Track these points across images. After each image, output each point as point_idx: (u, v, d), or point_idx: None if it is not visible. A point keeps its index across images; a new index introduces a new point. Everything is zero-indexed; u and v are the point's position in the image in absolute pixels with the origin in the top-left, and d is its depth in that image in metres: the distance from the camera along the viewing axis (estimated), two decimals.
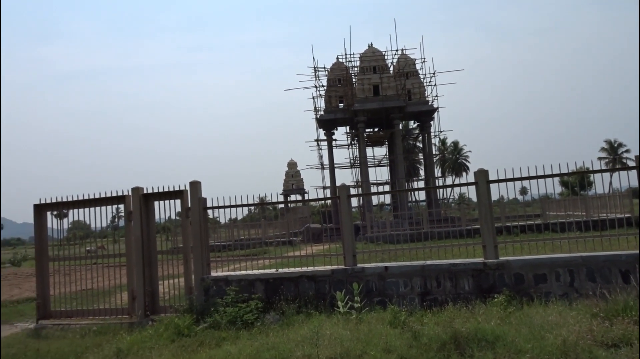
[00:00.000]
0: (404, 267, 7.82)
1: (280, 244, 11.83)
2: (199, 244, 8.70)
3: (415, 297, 7.66)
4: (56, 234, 10.20)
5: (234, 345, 5.95)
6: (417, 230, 16.08)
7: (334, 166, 39.43)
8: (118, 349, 6.35)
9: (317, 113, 37.44)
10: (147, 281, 8.98)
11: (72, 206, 9.63)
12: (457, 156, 70.18)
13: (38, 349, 6.90)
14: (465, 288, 7.49)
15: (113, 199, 9.34)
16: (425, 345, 5.14)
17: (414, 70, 37.36)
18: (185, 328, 7.01)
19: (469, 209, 30.03)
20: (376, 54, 36.38)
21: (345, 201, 8.44)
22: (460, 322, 5.72)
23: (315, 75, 37.22)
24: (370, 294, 7.83)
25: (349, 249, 8.21)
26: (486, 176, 7.84)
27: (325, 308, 7.67)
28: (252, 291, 8.26)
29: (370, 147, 41.11)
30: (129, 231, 9.19)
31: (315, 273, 8.17)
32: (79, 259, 9.83)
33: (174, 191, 9.01)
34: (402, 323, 6.06)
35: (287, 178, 68.08)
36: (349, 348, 5.21)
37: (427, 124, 37.89)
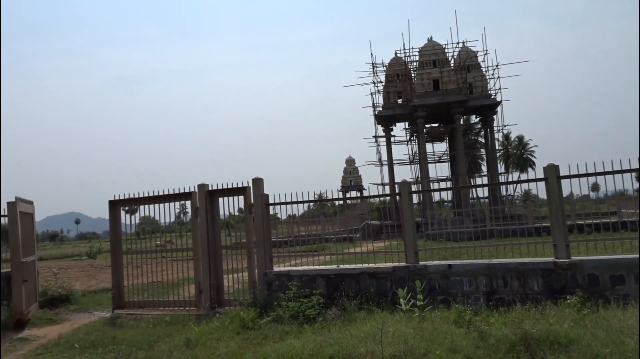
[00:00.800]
0: (468, 265, 7.62)
1: (340, 241, 11.87)
2: (262, 239, 8.89)
3: (481, 296, 7.45)
4: (127, 229, 10.76)
5: (298, 339, 6.03)
6: (481, 228, 15.62)
7: (392, 162, 38.99)
8: (187, 339, 6.61)
9: (375, 109, 37.15)
10: (213, 274, 9.29)
11: (143, 202, 10.11)
12: (522, 151, 67.26)
13: (114, 337, 7.32)
14: (534, 288, 7.19)
15: (180, 195, 9.72)
16: (493, 346, 4.98)
17: (476, 63, 36.20)
18: (250, 321, 7.19)
19: (536, 206, 28.80)
20: (436, 47, 35.58)
21: (406, 198, 8.34)
22: (530, 323, 5.50)
23: (373, 71, 36.94)
24: (433, 292, 7.70)
25: (411, 246, 8.10)
26: (557, 171, 7.48)
27: (387, 305, 7.62)
28: (313, 286, 8.34)
29: (430, 143, 40.32)
30: (195, 226, 9.53)
31: (376, 270, 8.13)
32: (149, 253, 10.32)
33: (238, 188, 9.25)
34: (468, 323, 5.91)
35: (345, 175, 68.16)
36: (413, 346, 5.15)
37: (490, 119, 36.62)
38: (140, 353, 6.32)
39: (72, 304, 10.60)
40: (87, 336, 7.54)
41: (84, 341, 7.28)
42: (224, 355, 5.76)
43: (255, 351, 5.76)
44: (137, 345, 6.75)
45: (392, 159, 39.02)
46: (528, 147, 67.24)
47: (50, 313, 9.74)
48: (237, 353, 5.78)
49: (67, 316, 9.62)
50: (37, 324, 8.88)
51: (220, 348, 6.07)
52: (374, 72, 36.95)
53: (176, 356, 6.01)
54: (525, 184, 43.73)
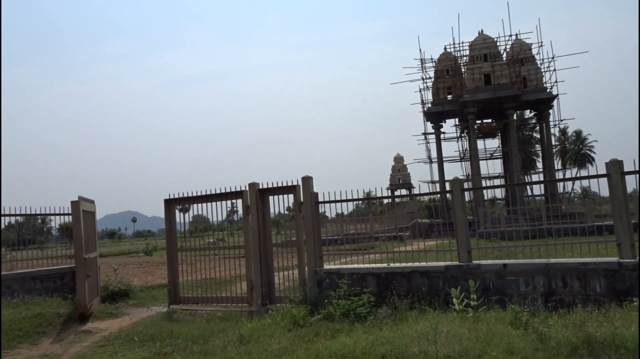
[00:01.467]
0: (524, 265, 7.36)
1: (389, 239, 11.77)
2: (312, 237, 8.93)
3: (538, 297, 7.17)
4: (180, 227, 11.09)
5: (349, 337, 6.01)
6: (536, 226, 15.07)
7: (442, 159, 38.30)
8: (240, 335, 6.74)
9: (424, 106, 36.61)
10: (264, 272, 9.42)
11: (196, 200, 10.38)
12: (580, 146, 64.24)
13: (171, 331, 7.57)
14: (597, 289, 6.85)
15: (232, 194, 9.92)
16: (553, 349, 4.78)
17: (530, 56, 34.93)
18: (301, 319, 7.24)
19: (595, 204, 27.47)
20: (487, 41, 34.58)
21: (458, 195, 8.15)
22: (593, 326, 5.24)
23: (422, 67, 36.41)
24: (487, 292, 7.48)
25: (463, 244, 7.91)
26: (620, 167, 7.10)
27: (439, 305, 7.47)
28: (363, 284, 8.30)
29: (482, 139, 39.29)
30: (246, 224, 9.70)
31: (428, 269, 7.99)
32: (202, 250, 10.59)
33: (288, 186, 9.34)
34: (525, 324, 5.70)
35: (393, 173, 67.48)
36: (468, 346, 5.02)
37: (545, 113, 35.24)
38: (195, 347, 6.50)
39: (131, 299, 11.04)
40: (145, 330, 7.83)
41: (142, 334, 7.56)
42: (276, 351, 5.83)
43: (307, 348, 5.78)
44: (193, 339, 6.96)
45: (442, 156, 38.34)
46: (587, 142, 64.12)
47: (111, 307, 10.18)
48: (289, 350, 5.84)
49: (127, 310, 10.03)
50: (99, 318, 9.31)
51: (273, 344, 6.14)
52: (422, 68, 36.44)
53: (230, 351, 6.13)
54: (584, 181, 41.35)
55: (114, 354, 6.76)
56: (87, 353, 6.95)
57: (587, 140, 64.13)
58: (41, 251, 12.60)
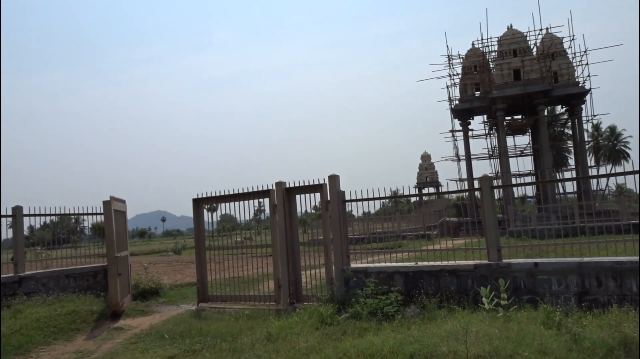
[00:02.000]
0: (557, 264, 7.18)
1: (416, 238, 11.65)
2: (339, 236, 8.91)
3: (571, 297, 6.98)
4: (208, 226, 11.22)
5: (377, 336, 5.98)
6: (569, 224, 14.70)
7: (470, 157, 37.74)
8: (268, 333, 6.78)
9: (451, 103, 36.16)
10: (291, 270, 9.45)
11: (224, 199, 10.49)
12: (614, 142, 62.36)
13: (200, 328, 7.67)
14: (633, 289, 6.63)
15: (259, 193, 9.99)
16: (588, 349, 4.65)
17: (561, 50, 34.12)
18: (328, 317, 7.23)
19: (631, 201, 26.61)
20: (516, 35, 33.91)
21: (487, 193, 8.01)
22: (630, 327, 5.08)
23: (449, 63, 35.96)
24: (518, 291, 7.33)
25: (493, 243, 7.77)
26: None
27: (468, 304, 7.35)
28: (391, 283, 8.24)
29: (511, 136, 38.61)
30: (274, 223, 9.75)
31: (456, 268, 7.88)
32: (230, 249, 10.70)
33: (314, 185, 9.34)
34: (558, 324, 5.56)
35: (420, 171, 66.88)
36: (499, 346, 4.92)
37: (578, 108, 34.36)
38: (224, 345, 6.57)
39: (161, 297, 11.23)
40: (175, 327, 7.96)
41: (172, 331, 7.69)
42: (304, 349, 5.84)
43: (335, 347, 5.77)
44: (221, 337, 7.03)
45: (470, 154, 37.78)
46: (621, 137, 62.15)
47: (141, 304, 10.38)
48: (317, 348, 5.83)
49: (157, 308, 10.21)
50: (130, 315, 9.50)
51: (301, 342, 6.15)
52: (449, 65, 35.98)
53: (258, 348, 6.17)
54: (619, 177, 40.07)
55: (145, 351, 6.88)
56: (119, 349, 7.11)
57: (622, 136, 62.17)
58: (75, 249, 12.94)
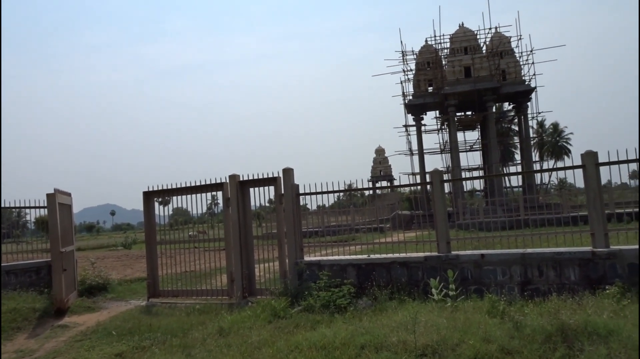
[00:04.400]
0: (502, 255, 7.48)
1: (370, 231, 11.82)
2: (292, 229, 8.92)
3: (515, 286, 7.30)
4: (160, 220, 10.98)
5: (329, 328, 6.04)
6: (514, 217, 15.30)
7: (423, 151, 38.59)
8: (220, 327, 6.72)
9: (405, 98, 36.76)
10: (244, 264, 9.39)
11: (176, 193, 10.28)
12: (557, 138, 65.36)
13: (150, 324, 7.50)
14: (571, 278, 7.00)
15: (212, 186, 9.85)
16: (529, 336, 4.87)
17: (509, 49, 35.34)
18: (281, 310, 7.25)
19: (571, 195, 28.00)
20: (467, 33, 34.85)
21: (438, 187, 8.22)
22: (567, 314, 5.35)
23: (403, 59, 36.51)
24: (466, 282, 7.59)
25: (443, 235, 8.00)
26: (595, 158, 7.24)
27: (419, 295, 7.55)
28: (344, 276, 8.34)
29: (462, 131, 39.70)
30: (227, 217, 9.64)
31: (407, 260, 8.07)
32: (182, 243, 10.50)
33: (268, 178, 9.30)
34: (502, 313, 5.79)
35: (375, 165, 67.82)
36: (446, 335, 5.09)
37: (524, 106, 35.76)
38: (174, 340, 6.46)
39: (109, 293, 10.92)
40: (124, 324, 7.75)
41: (121, 328, 7.48)
42: (256, 343, 5.83)
43: (287, 340, 5.80)
44: (172, 333, 6.90)
45: (423, 148, 38.61)
46: (563, 134, 65.28)
47: (88, 301, 10.05)
48: (270, 341, 5.84)
49: (105, 304, 9.91)
50: (76, 312, 9.18)
51: (253, 336, 6.14)
52: (403, 61, 36.54)
53: (210, 343, 6.11)
54: (560, 172, 42.15)
55: (91, 348, 6.67)
56: (62, 348, 6.85)
57: (564, 132, 65.28)
58: (16, 244, 12.33)
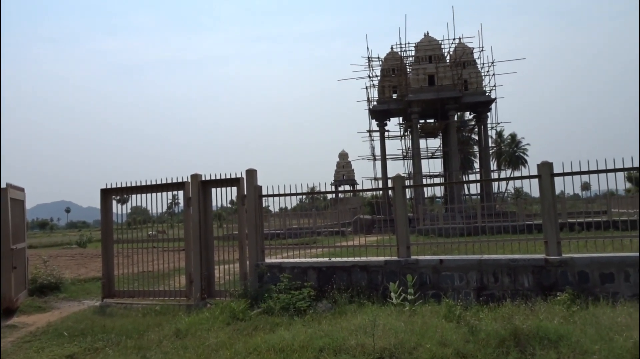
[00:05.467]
0: (459, 260, 7.65)
1: (331, 234, 11.86)
2: (254, 231, 8.86)
3: (471, 292, 7.48)
4: (118, 218, 10.68)
5: (288, 331, 6.03)
6: (472, 224, 15.69)
7: (385, 157, 39.02)
8: (177, 329, 6.59)
9: (370, 104, 37.13)
10: (204, 265, 9.26)
11: (135, 191, 10.03)
12: (515, 148, 67.53)
13: (104, 325, 7.28)
14: (525, 285, 7.24)
15: (173, 185, 9.66)
16: (483, 341, 5.00)
17: (472, 60, 36.21)
18: (240, 312, 7.18)
19: (527, 203, 28.95)
20: (432, 43, 35.53)
21: (400, 192, 8.34)
22: (520, 319, 5.53)
23: (369, 65, 36.87)
24: (424, 286, 7.72)
25: (403, 240, 8.11)
26: (550, 168, 7.51)
27: (378, 299, 7.64)
28: (304, 278, 8.34)
29: (424, 138, 40.39)
30: (187, 217, 9.48)
31: (368, 263, 8.14)
32: (140, 243, 10.25)
33: (231, 179, 9.21)
34: (458, 317, 5.93)
35: (338, 169, 68.15)
36: (404, 339, 5.16)
37: (484, 116, 36.71)
38: (129, 342, 6.29)
39: (62, 293, 10.54)
40: (76, 325, 7.49)
41: (72, 329, 7.23)
42: (213, 345, 5.75)
43: (246, 342, 5.75)
44: (127, 334, 6.72)
45: (386, 154, 39.06)
46: (521, 145, 67.51)
47: (39, 300, 9.66)
48: (227, 344, 5.77)
49: (56, 304, 9.56)
50: (26, 312, 8.82)
51: (210, 338, 6.05)
52: (369, 66, 36.90)
53: (166, 345, 5.99)
54: (517, 181, 43.23)
55: (40, 349, 6.41)
56: (10, 349, 6.56)
57: (521, 143, 67.52)
58: None
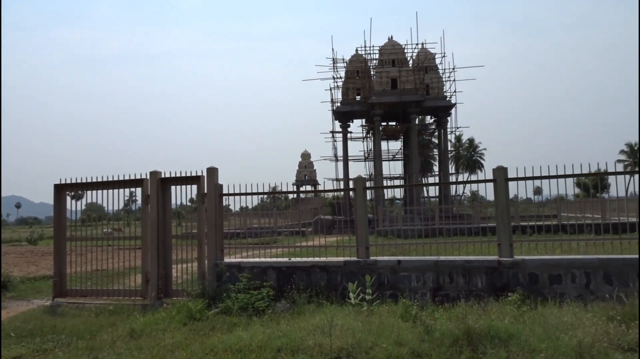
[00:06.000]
0: (417, 261, 7.81)
1: (292, 234, 11.87)
2: (214, 230, 8.77)
3: (427, 292, 7.65)
4: (72, 215, 10.35)
5: (246, 331, 6.00)
6: (430, 226, 16.03)
7: (347, 158, 39.36)
8: (132, 329, 6.44)
9: (333, 105, 37.37)
10: (161, 264, 9.08)
11: (91, 187, 9.74)
12: (472, 153, 69.44)
13: (54, 325, 7.03)
14: (478, 285, 7.46)
15: (131, 182, 9.44)
16: (438, 340, 5.13)
17: (433, 65, 37.00)
18: (197, 312, 7.09)
19: (482, 206, 29.79)
20: (396, 47, 36.10)
21: (360, 193, 8.43)
22: (473, 319, 5.70)
23: (333, 66, 37.10)
24: (382, 287, 7.84)
25: (362, 241, 8.21)
26: (505, 173, 7.77)
27: (337, 299, 7.70)
28: (264, 278, 8.31)
29: (385, 140, 40.98)
30: (145, 214, 9.28)
31: (327, 264, 8.19)
32: (94, 240, 9.96)
33: (192, 177, 9.08)
34: (414, 317, 6.06)
35: (300, 169, 68.23)
36: (361, 339, 5.23)
37: (444, 120, 37.57)
38: (81, 343, 6.11)
39: (10, 291, 10.12)
40: (24, 325, 7.20)
41: (20, 329, 6.95)
42: (169, 346, 5.65)
43: (202, 342, 5.68)
44: (78, 334, 6.52)
45: (348, 155, 39.38)
46: (478, 149, 69.51)
47: None
48: (184, 344, 5.69)
49: (4, 304, 9.14)
50: None
51: (166, 338, 5.95)
52: (334, 68, 37.13)
53: (119, 346, 5.85)
54: (473, 184, 44.49)
55: None
56: None
57: (479, 147, 69.54)
58: None
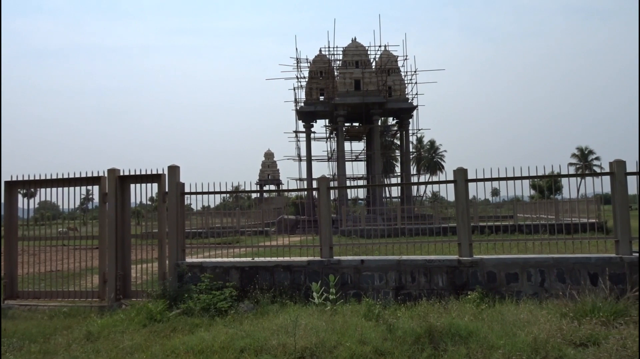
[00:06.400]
0: (380, 261, 7.89)
1: (255, 234, 11.78)
2: (175, 229, 8.59)
3: (390, 291, 7.75)
4: (23, 214, 9.93)
5: (208, 332, 5.91)
6: (392, 226, 16.25)
7: (311, 158, 39.42)
8: (88, 332, 6.23)
9: (297, 104, 37.33)
10: (120, 264, 8.83)
11: (45, 184, 9.37)
12: (433, 154, 70.92)
13: (4, 329, 6.71)
14: (439, 284, 7.61)
15: (88, 179, 9.14)
16: (400, 338, 5.20)
17: (396, 67, 37.54)
18: (158, 313, 6.93)
19: (442, 207, 30.44)
20: (359, 48, 36.40)
21: (324, 193, 8.45)
22: (435, 317, 5.81)
23: (297, 66, 37.07)
24: (346, 286, 7.88)
25: (326, 241, 8.23)
26: (465, 175, 7.95)
27: (300, 299, 7.70)
28: (227, 278, 8.21)
29: (349, 141, 41.25)
30: (102, 213, 9.00)
31: (291, 263, 8.17)
32: (48, 240, 9.59)
33: (152, 175, 8.86)
34: (377, 316, 6.12)
35: (263, 168, 67.88)
36: (324, 338, 5.24)
37: (406, 122, 38.17)
38: (33, 346, 5.85)
39: None
40: None
41: None
42: (128, 348, 5.50)
43: (163, 344, 5.56)
44: (31, 338, 6.24)
45: (311, 155, 39.44)
46: (439, 151, 71.05)
47: None
48: (143, 346, 5.55)
49: None
50: None
51: (125, 340, 5.78)
52: (298, 68, 37.10)
53: (75, 349, 5.64)
54: (435, 185, 45.59)
55: None
56: None
57: (439, 149, 71.09)
58: None
